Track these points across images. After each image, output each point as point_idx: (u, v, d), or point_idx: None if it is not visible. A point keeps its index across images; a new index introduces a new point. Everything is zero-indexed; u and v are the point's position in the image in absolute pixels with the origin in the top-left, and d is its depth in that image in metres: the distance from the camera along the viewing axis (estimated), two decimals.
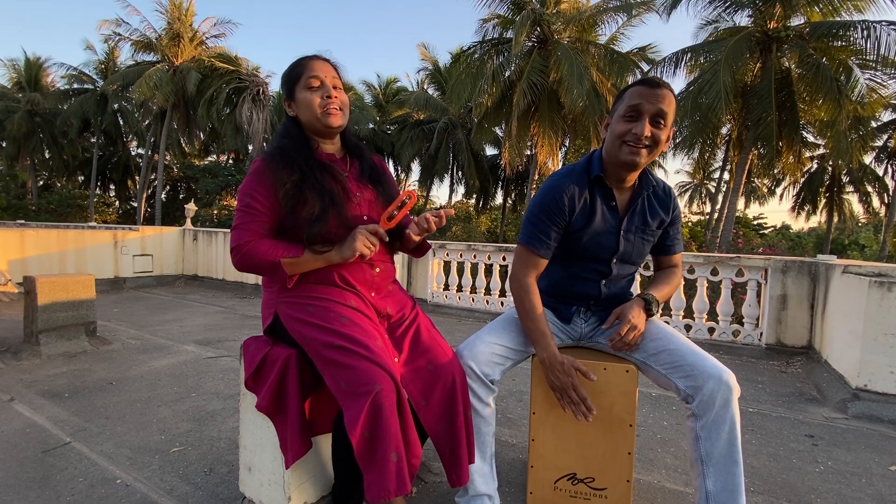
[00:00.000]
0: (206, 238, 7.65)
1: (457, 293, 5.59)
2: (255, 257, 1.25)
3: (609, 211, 1.41)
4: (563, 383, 1.35)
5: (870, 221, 24.60)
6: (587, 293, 1.51)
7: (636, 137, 1.28)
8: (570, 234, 1.43)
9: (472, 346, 1.44)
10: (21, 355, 3.15)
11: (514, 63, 13.35)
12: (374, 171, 1.46)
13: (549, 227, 1.40)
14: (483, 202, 23.35)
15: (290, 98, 1.37)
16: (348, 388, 1.13)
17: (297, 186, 1.27)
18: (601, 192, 1.41)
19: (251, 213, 1.27)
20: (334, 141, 1.43)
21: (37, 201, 22.89)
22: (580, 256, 1.46)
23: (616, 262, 1.46)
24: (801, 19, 11.37)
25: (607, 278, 1.48)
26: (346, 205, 1.32)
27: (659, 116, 1.28)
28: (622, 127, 1.30)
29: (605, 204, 1.41)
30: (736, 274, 4.05)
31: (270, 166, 1.29)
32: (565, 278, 1.52)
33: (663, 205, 1.45)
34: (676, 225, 1.49)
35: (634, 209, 1.42)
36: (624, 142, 1.30)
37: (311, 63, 1.33)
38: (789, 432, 2.30)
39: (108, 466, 1.78)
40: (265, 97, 17.58)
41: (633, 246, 1.44)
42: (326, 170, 1.33)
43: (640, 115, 1.28)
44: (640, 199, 1.42)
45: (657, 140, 1.29)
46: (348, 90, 1.46)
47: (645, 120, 1.27)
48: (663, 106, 1.27)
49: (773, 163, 11.64)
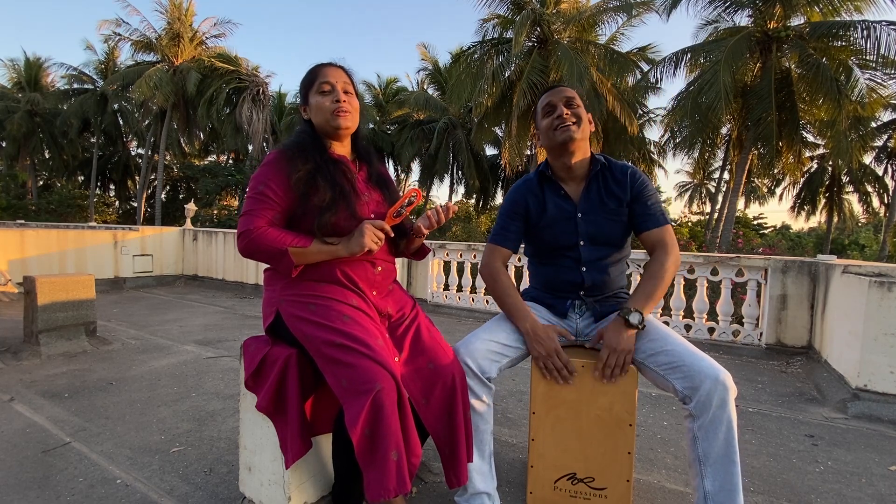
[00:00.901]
0: (206, 238, 7.65)
1: (457, 293, 5.60)
2: (263, 244, 1.26)
3: (561, 199, 1.56)
4: (546, 348, 1.41)
5: (870, 221, 24.61)
6: (572, 281, 1.56)
7: (560, 119, 1.48)
8: (532, 229, 1.60)
9: (469, 343, 1.45)
10: (21, 355, 3.15)
11: (514, 63, 13.35)
12: (381, 177, 1.51)
13: (509, 223, 1.60)
14: (483, 202, 23.35)
15: (304, 103, 1.43)
16: (349, 387, 1.13)
17: (310, 174, 1.31)
18: (549, 185, 1.58)
19: (263, 200, 1.29)
20: (345, 144, 1.47)
21: (37, 201, 22.90)
22: (550, 248, 1.59)
23: (584, 245, 1.53)
24: (801, 19, 11.37)
25: (585, 263, 1.54)
26: (356, 199, 1.35)
27: (569, 100, 1.50)
28: (546, 121, 1.52)
29: (556, 194, 1.57)
30: (736, 274, 4.05)
31: (286, 156, 1.33)
32: (549, 272, 1.62)
33: (620, 184, 1.52)
34: (643, 200, 1.49)
35: (589, 193, 1.53)
36: (553, 129, 1.49)
37: (323, 69, 1.40)
38: (789, 432, 2.30)
39: (108, 466, 1.79)
40: (265, 97, 17.60)
41: (595, 227, 1.52)
42: (338, 166, 1.37)
43: (554, 106, 1.51)
44: (591, 182, 1.53)
45: (579, 116, 1.49)
46: (356, 95, 1.50)
47: (559, 106, 1.49)
48: (567, 94, 1.51)
49: (773, 163, 11.65)
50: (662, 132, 15.30)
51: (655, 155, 17.18)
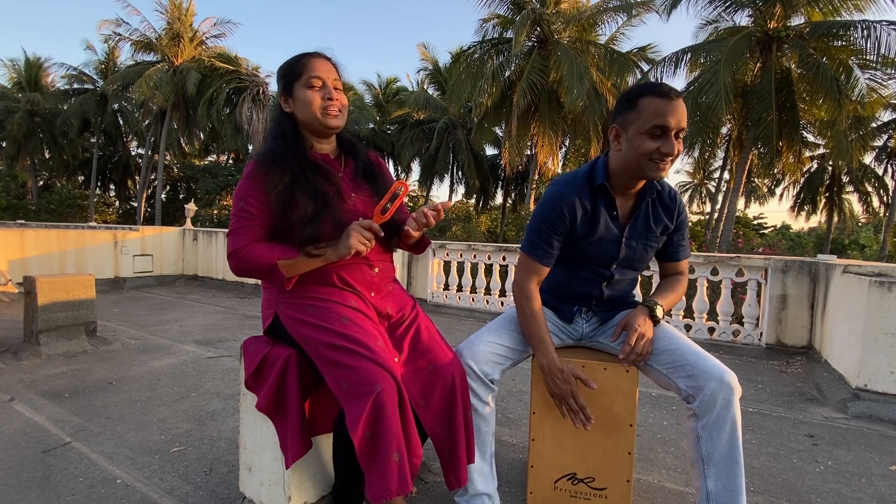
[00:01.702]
0: (206, 238, 7.65)
1: (457, 293, 5.60)
2: (252, 261, 1.23)
3: (612, 220, 1.40)
4: (562, 391, 1.36)
5: (870, 221, 24.60)
6: (589, 294, 1.51)
7: (665, 156, 1.26)
8: (572, 241, 1.43)
9: (472, 345, 1.44)
10: (21, 355, 3.15)
11: (514, 63, 13.35)
12: (370, 168, 1.44)
13: (551, 237, 1.40)
14: (483, 202, 23.35)
15: (287, 94, 1.34)
16: (350, 389, 1.13)
17: (288, 188, 1.25)
18: (604, 200, 1.39)
19: (246, 217, 1.26)
20: (329, 140, 1.41)
21: (37, 201, 22.90)
22: (581, 262, 1.47)
23: (617, 268, 1.46)
24: (802, 19, 11.37)
25: (609, 281, 1.49)
26: (340, 206, 1.30)
27: (680, 131, 1.26)
28: (650, 145, 1.25)
29: (608, 212, 1.40)
30: (736, 274, 4.05)
31: (263, 168, 1.27)
32: (567, 280, 1.53)
33: (668, 211, 1.42)
34: (682, 231, 1.47)
35: (638, 216, 1.40)
36: (651, 159, 1.27)
37: (313, 61, 1.31)
38: (789, 432, 2.30)
39: (109, 466, 1.78)
40: (265, 97, 17.58)
41: (634, 252, 1.44)
42: (319, 171, 1.30)
43: (666, 132, 1.24)
44: (643, 204, 1.40)
45: (678, 152, 1.29)
46: (348, 90, 1.44)
47: (671, 137, 1.24)
48: (684, 122, 1.25)
49: (773, 163, 11.64)
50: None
51: None
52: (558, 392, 1.37)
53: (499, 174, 21.85)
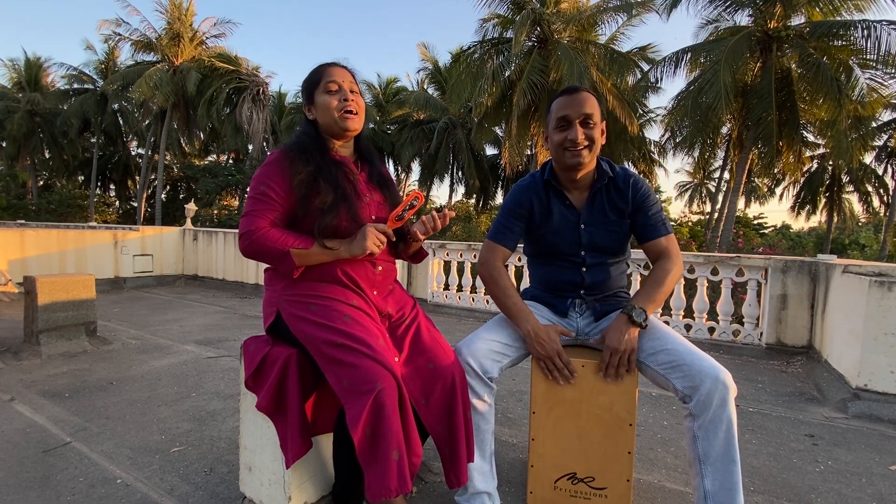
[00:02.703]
0: (206, 238, 7.65)
1: (457, 293, 5.60)
2: (265, 244, 1.26)
3: (566, 208, 1.54)
4: (547, 351, 1.40)
5: (870, 221, 24.60)
6: (573, 280, 1.57)
7: (573, 143, 1.43)
8: (534, 233, 1.59)
9: (471, 343, 1.45)
10: (21, 355, 3.15)
11: (514, 63, 13.34)
12: (383, 178, 1.51)
13: (511, 221, 1.58)
14: (483, 202, 23.34)
15: (309, 102, 1.42)
16: (350, 387, 1.13)
17: (312, 176, 1.31)
18: (554, 192, 1.55)
19: (265, 200, 1.30)
20: (348, 144, 1.47)
21: (37, 201, 22.90)
22: (552, 253, 1.58)
23: (586, 253, 1.54)
24: (802, 19, 11.36)
25: (586, 265, 1.55)
26: (357, 202, 1.36)
27: (587, 119, 1.43)
28: (558, 136, 1.47)
29: (561, 203, 1.55)
30: (736, 273, 4.05)
31: (288, 157, 1.33)
32: (549, 272, 1.62)
33: (621, 195, 1.51)
34: (645, 211, 1.50)
35: (592, 203, 1.53)
36: (564, 149, 1.45)
37: (329, 69, 1.39)
38: (789, 432, 2.30)
39: (109, 466, 1.79)
40: (265, 97, 17.60)
41: (598, 237, 1.52)
42: (340, 167, 1.37)
43: (570, 122, 1.44)
44: (595, 193, 1.52)
45: (592, 139, 1.44)
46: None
47: (575, 125, 1.43)
48: (587, 109, 1.43)
49: (773, 162, 11.64)
50: (662, 132, 15.31)
51: (655, 154, 17.19)
52: (544, 352, 1.40)
53: (499, 174, 21.86)
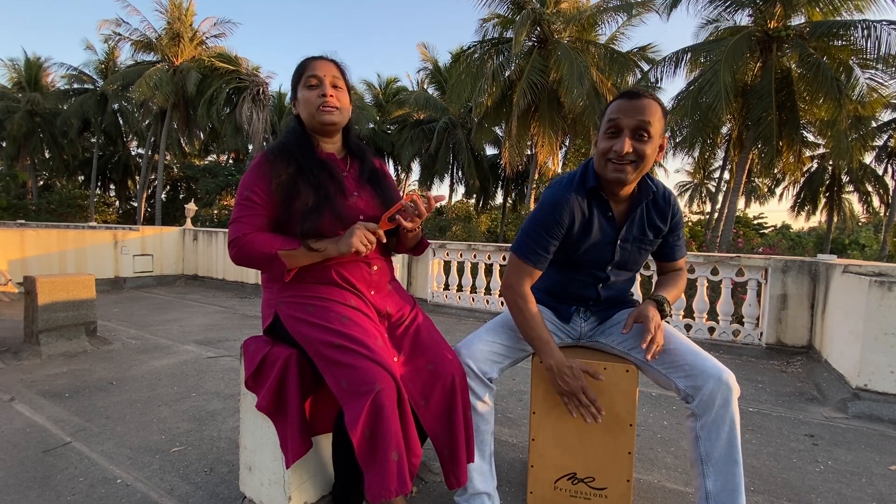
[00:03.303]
0: (206, 238, 7.65)
1: (457, 293, 5.60)
2: (253, 249, 1.25)
3: (606, 221, 1.39)
4: (572, 388, 1.32)
5: (870, 221, 24.59)
6: (585, 296, 1.52)
7: (617, 155, 1.25)
8: (567, 244, 1.42)
9: (471, 344, 1.44)
10: (21, 355, 3.15)
11: (514, 63, 13.34)
12: (375, 173, 1.46)
13: (548, 241, 1.38)
14: (483, 202, 23.34)
15: (294, 97, 1.40)
16: (349, 388, 1.13)
17: (292, 178, 1.29)
18: (598, 203, 1.38)
19: (250, 206, 1.29)
20: (334, 140, 1.44)
21: (37, 201, 22.89)
22: (576, 264, 1.47)
23: (612, 270, 1.47)
24: (802, 19, 11.36)
25: (604, 283, 1.49)
26: (342, 201, 1.32)
27: (641, 129, 1.23)
28: (604, 144, 1.28)
29: (603, 215, 1.39)
30: (736, 273, 4.05)
31: (269, 160, 1.31)
32: (562, 281, 1.53)
33: (661, 214, 1.42)
34: (677, 232, 1.47)
35: (633, 219, 1.40)
36: (608, 160, 1.28)
37: (312, 63, 1.35)
38: (789, 432, 2.30)
39: (109, 466, 1.79)
40: (265, 97, 17.59)
41: (629, 255, 1.44)
42: (324, 167, 1.34)
43: (620, 130, 1.25)
44: (638, 208, 1.39)
45: (641, 154, 1.25)
46: (348, 90, 1.48)
47: (624, 136, 1.24)
48: (644, 117, 1.22)
49: (773, 162, 11.64)
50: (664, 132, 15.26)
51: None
52: (568, 389, 1.32)
53: (499, 174, 21.85)
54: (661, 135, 1.28)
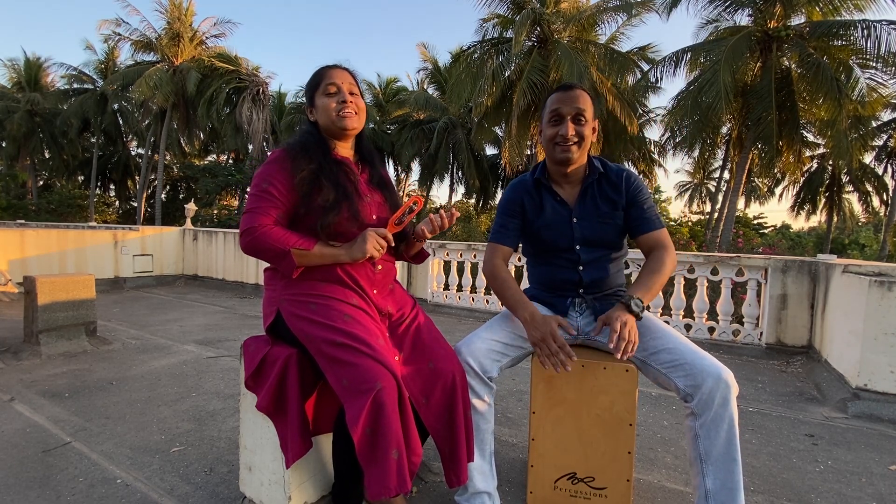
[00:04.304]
0: (206, 238, 7.65)
1: (457, 293, 5.60)
2: (267, 242, 1.26)
3: (557, 204, 1.56)
4: (542, 332, 1.35)
5: (870, 221, 24.59)
6: (571, 279, 1.56)
7: (563, 138, 1.46)
8: (529, 230, 1.60)
9: (470, 342, 1.45)
10: (21, 355, 3.15)
11: (514, 63, 13.34)
12: (383, 180, 1.52)
13: (508, 221, 1.61)
14: (483, 202, 23.33)
15: (310, 104, 1.44)
16: (350, 386, 1.13)
17: (314, 174, 1.32)
18: (545, 189, 1.58)
19: (267, 197, 1.30)
20: (349, 145, 1.49)
21: (37, 201, 22.90)
22: (547, 249, 1.59)
23: (581, 248, 1.53)
24: (802, 18, 11.37)
25: (582, 263, 1.54)
26: (358, 201, 1.37)
27: (579, 115, 1.46)
28: (550, 131, 1.50)
29: (552, 198, 1.57)
30: (736, 273, 4.05)
31: (290, 155, 1.34)
32: (547, 271, 1.62)
33: (615, 188, 1.52)
34: (638, 204, 1.50)
35: (584, 198, 1.54)
36: (555, 143, 1.48)
37: (329, 71, 1.41)
38: (789, 432, 2.30)
39: (109, 466, 1.79)
40: (265, 97, 17.59)
41: (591, 231, 1.53)
42: (341, 167, 1.39)
43: (562, 118, 1.47)
44: (586, 187, 1.54)
45: (582, 136, 1.47)
46: (361, 95, 1.51)
47: (567, 121, 1.46)
48: (580, 105, 1.45)
49: (773, 162, 11.64)
50: (662, 132, 15.29)
51: (655, 154, 17.17)
52: (539, 335, 1.35)
53: (499, 174, 21.84)
54: (593, 118, 1.51)
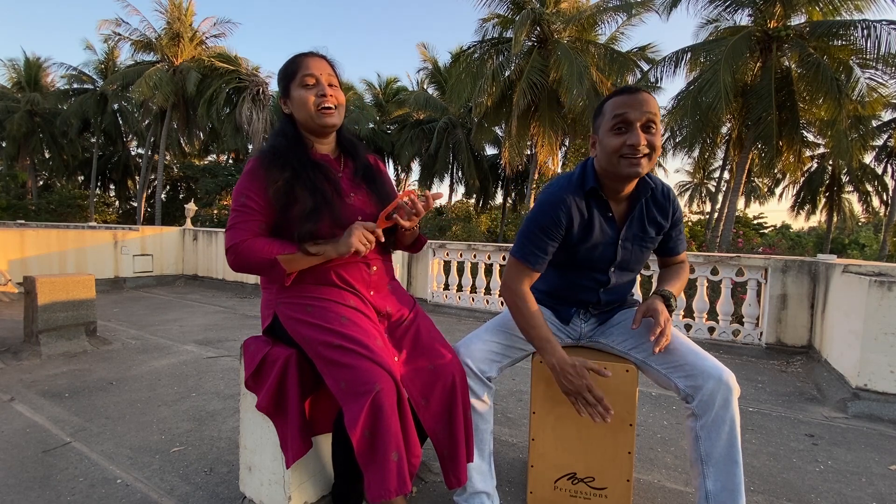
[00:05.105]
0: (206, 238, 7.65)
1: (457, 293, 5.59)
2: (251, 256, 1.23)
3: (606, 222, 1.38)
4: (577, 387, 1.28)
5: (870, 221, 24.60)
6: (586, 300, 1.51)
7: (633, 149, 1.23)
8: (567, 246, 1.40)
9: (470, 343, 1.44)
10: (21, 355, 3.15)
11: (514, 63, 13.35)
12: (369, 170, 1.44)
13: (546, 244, 1.37)
14: (483, 202, 23.34)
15: (285, 96, 1.35)
16: (348, 388, 1.13)
17: (288, 184, 1.26)
18: (597, 203, 1.37)
19: (246, 212, 1.26)
20: (329, 140, 1.41)
21: (37, 201, 22.88)
22: (578, 266, 1.45)
23: (614, 271, 1.45)
24: (802, 18, 11.37)
25: (605, 286, 1.47)
26: (339, 204, 1.30)
27: (650, 122, 1.24)
28: (615, 141, 1.25)
29: (602, 215, 1.38)
30: (736, 273, 4.05)
31: (263, 165, 1.28)
32: (564, 286, 1.51)
33: (662, 210, 1.40)
34: (678, 227, 1.47)
35: (633, 218, 1.38)
36: (621, 155, 1.25)
37: (306, 60, 1.31)
38: (789, 432, 2.30)
39: (109, 466, 1.79)
40: (265, 97, 17.59)
41: (630, 254, 1.42)
42: (319, 169, 1.31)
43: (630, 124, 1.24)
44: (637, 206, 1.38)
45: (653, 146, 1.25)
46: (347, 90, 1.44)
47: (636, 129, 1.23)
48: (651, 110, 1.23)
49: (773, 162, 11.64)
50: (662, 132, 15.29)
51: None
52: (573, 388, 1.28)
53: (499, 174, 21.85)
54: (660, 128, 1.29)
